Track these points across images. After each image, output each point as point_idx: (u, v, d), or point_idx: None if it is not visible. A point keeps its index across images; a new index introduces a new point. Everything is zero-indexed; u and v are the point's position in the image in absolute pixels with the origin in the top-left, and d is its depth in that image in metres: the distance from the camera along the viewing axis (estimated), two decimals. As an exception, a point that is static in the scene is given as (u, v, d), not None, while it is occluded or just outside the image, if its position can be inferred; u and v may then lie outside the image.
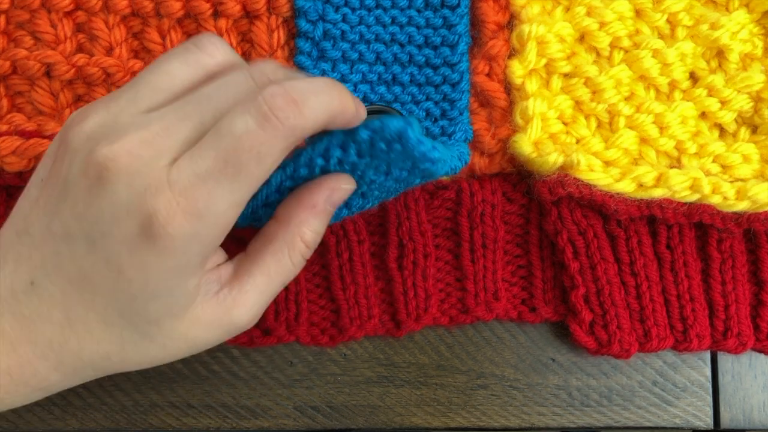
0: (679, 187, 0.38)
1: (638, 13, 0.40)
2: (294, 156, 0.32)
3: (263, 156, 0.29)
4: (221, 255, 0.33)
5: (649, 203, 0.39)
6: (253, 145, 0.28)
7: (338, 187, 0.33)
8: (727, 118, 0.40)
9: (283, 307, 0.41)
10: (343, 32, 0.39)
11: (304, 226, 0.33)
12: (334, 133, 0.31)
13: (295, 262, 0.33)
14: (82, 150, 0.29)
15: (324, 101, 0.29)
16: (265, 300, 0.33)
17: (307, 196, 0.33)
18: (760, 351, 0.42)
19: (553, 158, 0.38)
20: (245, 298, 0.32)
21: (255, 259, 0.33)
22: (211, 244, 0.30)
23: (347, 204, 0.36)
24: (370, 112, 0.39)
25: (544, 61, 0.39)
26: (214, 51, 0.32)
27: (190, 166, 0.28)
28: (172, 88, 0.31)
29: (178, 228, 0.28)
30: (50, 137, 0.38)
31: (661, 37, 0.40)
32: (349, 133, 0.31)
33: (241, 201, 0.29)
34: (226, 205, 0.29)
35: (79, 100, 0.39)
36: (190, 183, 0.28)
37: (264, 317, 0.41)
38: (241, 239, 0.34)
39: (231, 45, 0.39)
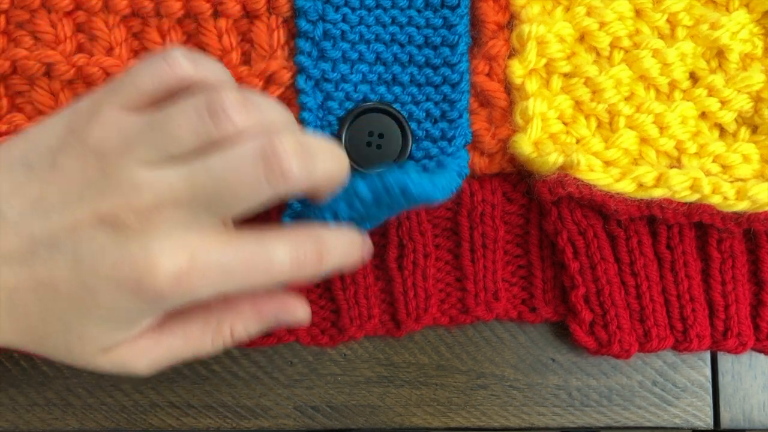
0: (679, 187, 0.38)
1: (638, 13, 0.40)
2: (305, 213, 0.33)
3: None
4: None
5: (649, 203, 0.39)
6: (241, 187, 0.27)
7: (292, 312, 0.33)
8: (727, 118, 0.40)
9: (283, 307, 0.41)
10: (343, 32, 0.39)
11: (240, 323, 0.32)
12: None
13: (214, 346, 0.33)
14: (105, 184, 0.28)
15: (329, 165, 0.29)
16: (170, 361, 0.32)
17: (263, 296, 0.33)
18: (760, 351, 0.42)
19: (553, 158, 0.38)
20: (156, 354, 0.32)
21: (182, 319, 0.32)
22: (186, 303, 0.29)
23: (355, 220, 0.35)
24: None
25: (544, 61, 0.39)
26: (234, 120, 0.29)
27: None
28: (180, 148, 0.29)
29: (172, 293, 0.28)
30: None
31: (661, 37, 0.40)
32: (351, 191, 0.31)
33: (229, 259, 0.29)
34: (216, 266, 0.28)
35: (79, 100, 0.39)
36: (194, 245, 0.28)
37: (264, 317, 0.41)
38: None
39: (231, 45, 0.39)
